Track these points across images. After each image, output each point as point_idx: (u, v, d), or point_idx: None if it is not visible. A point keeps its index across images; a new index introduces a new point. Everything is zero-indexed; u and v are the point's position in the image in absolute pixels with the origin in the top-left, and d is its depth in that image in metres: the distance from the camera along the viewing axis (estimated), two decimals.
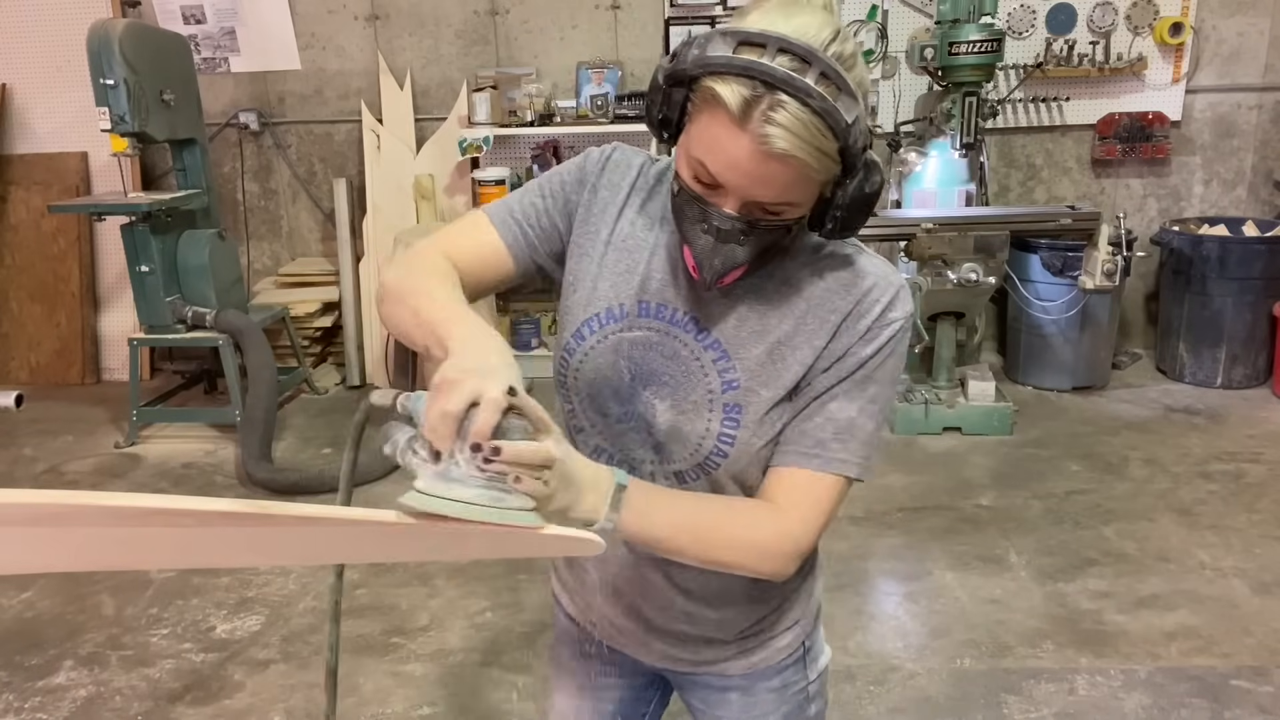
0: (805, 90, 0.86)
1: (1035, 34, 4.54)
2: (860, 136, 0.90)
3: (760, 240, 0.96)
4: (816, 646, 1.29)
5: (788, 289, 1.05)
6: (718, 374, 1.04)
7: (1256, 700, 2.35)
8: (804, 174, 0.90)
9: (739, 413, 1.03)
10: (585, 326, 1.10)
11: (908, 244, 3.81)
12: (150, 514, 0.66)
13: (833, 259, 1.06)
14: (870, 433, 1.03)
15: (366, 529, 0.79)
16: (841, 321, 1.02)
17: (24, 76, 4.93)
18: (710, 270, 0.97)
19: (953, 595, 2.85)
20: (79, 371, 5.02)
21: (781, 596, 1.21)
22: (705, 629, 1.19)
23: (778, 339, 1.03)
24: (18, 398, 1.85)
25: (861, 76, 0.91)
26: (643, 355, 1.07)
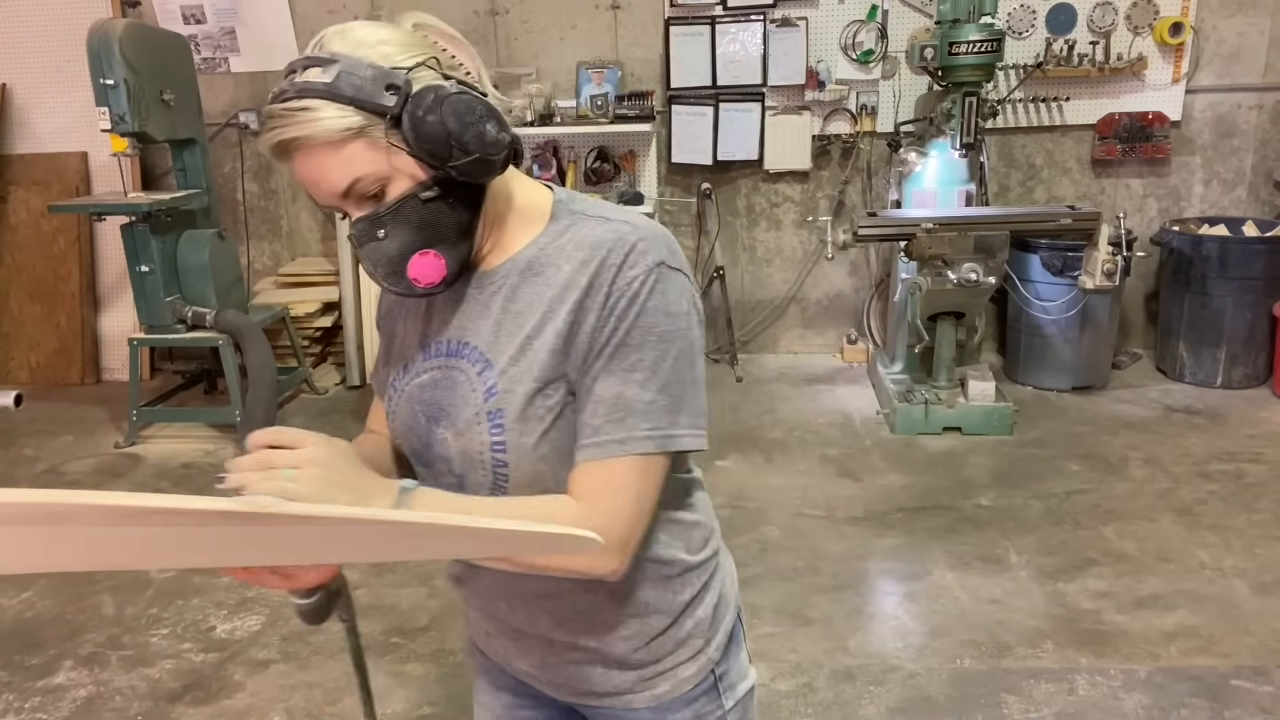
0: (280, 92, 0.95)
1: (1035, 34, 4.54)
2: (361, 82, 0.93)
3: (399, 225, 0.98)
4: (733, 673, 1.21)
5: (537, 280, 1.04)
6: (481, 385, 1.03)
7: (1256, 700, 2.35)
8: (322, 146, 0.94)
9: (501, 416, 1.02)
10: (391, 389, 1.14)
11: (908, 244, 3.81)
12: (149, 514, 0.66)
13: (575, 237, 1.03)
14: (649, 401, 0.98)
15: (366, 528, 0.79)
16: (582, 298, 0.99)
17: (24, 76, 4.94)
18: (385, 276, 1.00)
19: (953, 595, 2.85)
20: (79, 371, 5.02)
21: (668, 624, 1.14)
22: (587, 658, 1.14)
23: (527, 333, 1.02)
24: (17, 397, 1.86)
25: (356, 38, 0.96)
26: (431, 395, 1.08)
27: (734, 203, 4.92)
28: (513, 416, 1.01)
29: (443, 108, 0.94)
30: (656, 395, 0.99)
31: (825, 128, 4.73)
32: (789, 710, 2.38)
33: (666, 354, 0.99)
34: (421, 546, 0.94)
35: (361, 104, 0.93)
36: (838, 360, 4.98)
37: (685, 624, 1.15)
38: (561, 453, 1.03)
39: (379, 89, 0.93)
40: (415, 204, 0.97)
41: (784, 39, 4.58)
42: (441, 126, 0.94)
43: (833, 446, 3.92)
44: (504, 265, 1.06)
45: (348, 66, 0.94)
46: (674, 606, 1.14)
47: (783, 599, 2.85)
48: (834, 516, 3.34)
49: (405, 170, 0.97)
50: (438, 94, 0.94)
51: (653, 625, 1.13)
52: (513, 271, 1.05)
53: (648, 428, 0.98)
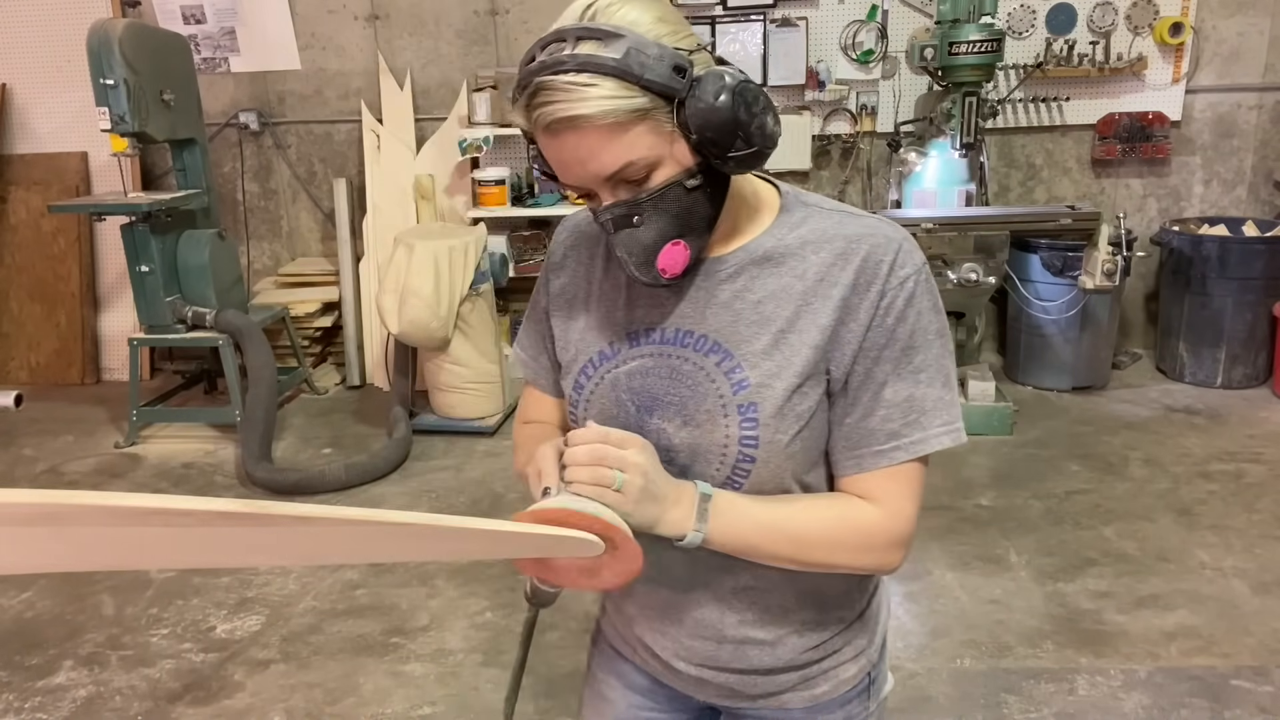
0: (556, 63, 0.89)
1: (1035, 34, 4.54)
2: (651, 62, 0.88)
3: (659, 213, 0.94)
4: (881, 676, 1.22)
5: (779, 270, 1.01)
6: (724, 377, 1.00)
7: (1256, 700, 2.35)
8: (606, 126, 0.89)
9: (755, 410, 0.98)
10: (581, 375, 1.10)
11: None
12: (149, 514, 0.66)
13: (817, 229, 1.02)
14: (937, 398, 1.00)
15: (366, 529, 0.79)
16: (848, 295, 0.98)
17: (24, 76, 4.94)
18: (637, 265, 0.97)
19: (953, 595, 2.85)
20: (79, 371, 5.02)
21: (842, 623, 1.15)
22: (760, 658, 1.12)
23: (780, 327, 0.99)
24: (17, 397, 1.86)
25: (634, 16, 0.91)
26: (641, 384, 1.05)
27: None
28: (769, 412, 0.98)
29: (734, 96, 0.90)
30: (943, 391, 1.00)
31: (825, 128, 4.73)
32: None
33: (945, 351, 1.01)
34: (423, 547, 0.94)
35: (650, 85, 0.88)
36: None
37: (857, 627, 1.16)
38: (808, 453, 1.02)
39: (668, 70, 0.89)
40: (678, 192, 0.94)
41: (784, 39, 4.58)
42: (731, 115, 0.90)
43: None
44: (733, 255, 1.03)
45: (635, 44, 0.88)
46: (853, 605, 1.15)
47: None
48: None
49: (677, 156, 0.93)
50: (726, 81, 0.90)
51: (831, 626, 1.13)
52: (746, 261, 1.02)
53: (940, 424, 1.00)
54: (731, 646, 1.12)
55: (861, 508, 1.01)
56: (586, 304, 1.12)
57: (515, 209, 4.67)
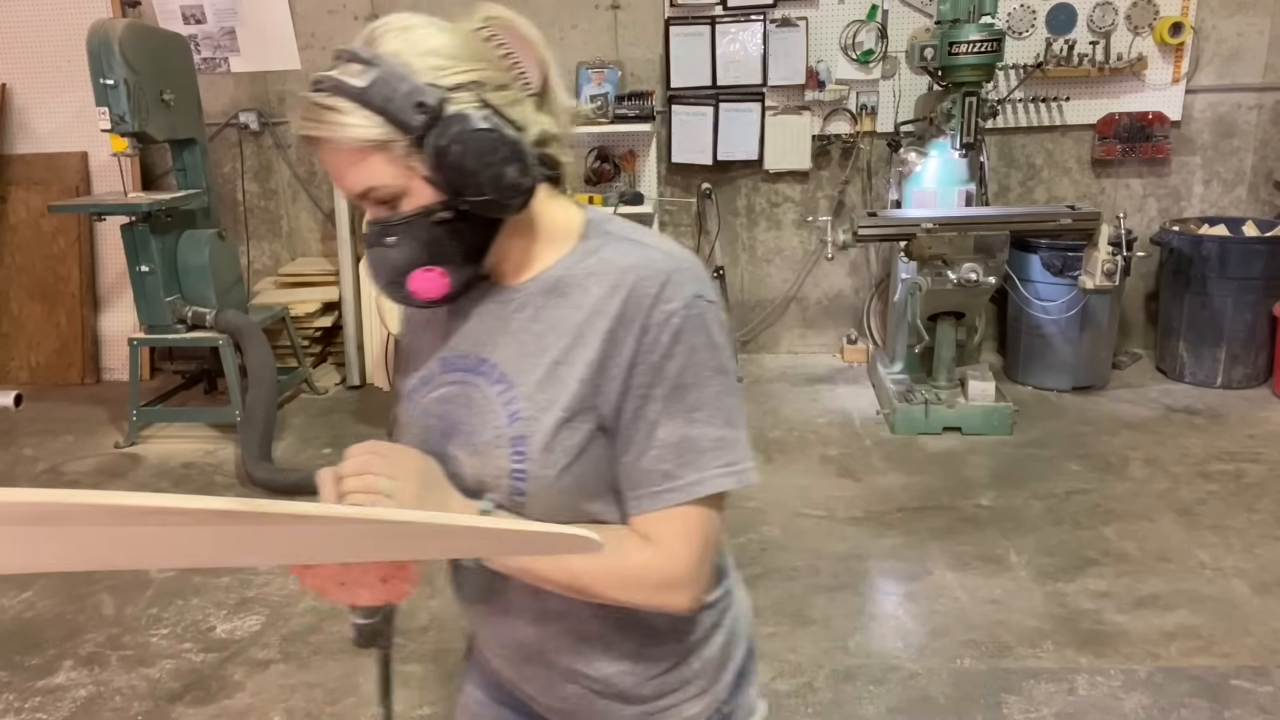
0: (316, 81, 0.93)
1: (1035, 34, 4.54)
2: (394, 95, 0.91)
3: (409, 238, 0.96)
4: (739, 711, 1.19)
5: (563, 301, 1.00)
6: (503, 407, 1.00)
7: (1256, 700, 2.35)
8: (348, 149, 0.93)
9: (525, 444, 0.98)
10: (408, 400, 1.12)
11: (908, 244, 3.81)
12: (147, 513, 0.66)
13: (605, 259, 1.00)
14: (716, 438, 0.96)
15: (365, 528, 0.79)
16: (614, 328, 0.96)
17: (24, 76, 4.94)
18: (384, 284, 1.00)
19: (953, 595, 2.85)
20: (79, 371, 5.02)
21: (676, 656, 1.11)
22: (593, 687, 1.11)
23: (554, 358, 0.99)
24: (17, 397, 1.86)
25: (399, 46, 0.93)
26: (445, 409, 1.05)
27: (734, 203, 4.92)
28: (538, 446, 0.98)
29: (466, 143, 0.91)
30: (723, 430, 0.97)
31: (825, 128, 4.73)
32: (789, 710, 2.38)
33: (724, 388, 0.98)
34: (422, 546, 0.93)
35: (389, 116, 0.91)
36: (838, 360, 4.98)
37: (693, 662, 1.12)
38: (584, 486, 1.00)
39: (409, 105, 0.91)
40: (424, 223, 0.96)
41: (784, 39, 4.58)
42: (460, 162, 0.92)
43: (833, 446, 3.92)
44: (528, 283, 1.03)
45: (386, 73, 0.91)
46: (683, 643, 1.12)
47: (783, 599, 2.85)
48: (834, 516, 3.34)
49: (422, 190, 0.95)
50: (463, 127, 0.91)
51: (659, 660, 1.11)
52: (537, 291, 1.02)
53: (719, 466, 0.97)
54: (561, 675, 1.11)
55: (635, 545, 0.98)
56: (425, 330, 1.13)
57: None
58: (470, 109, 0.93)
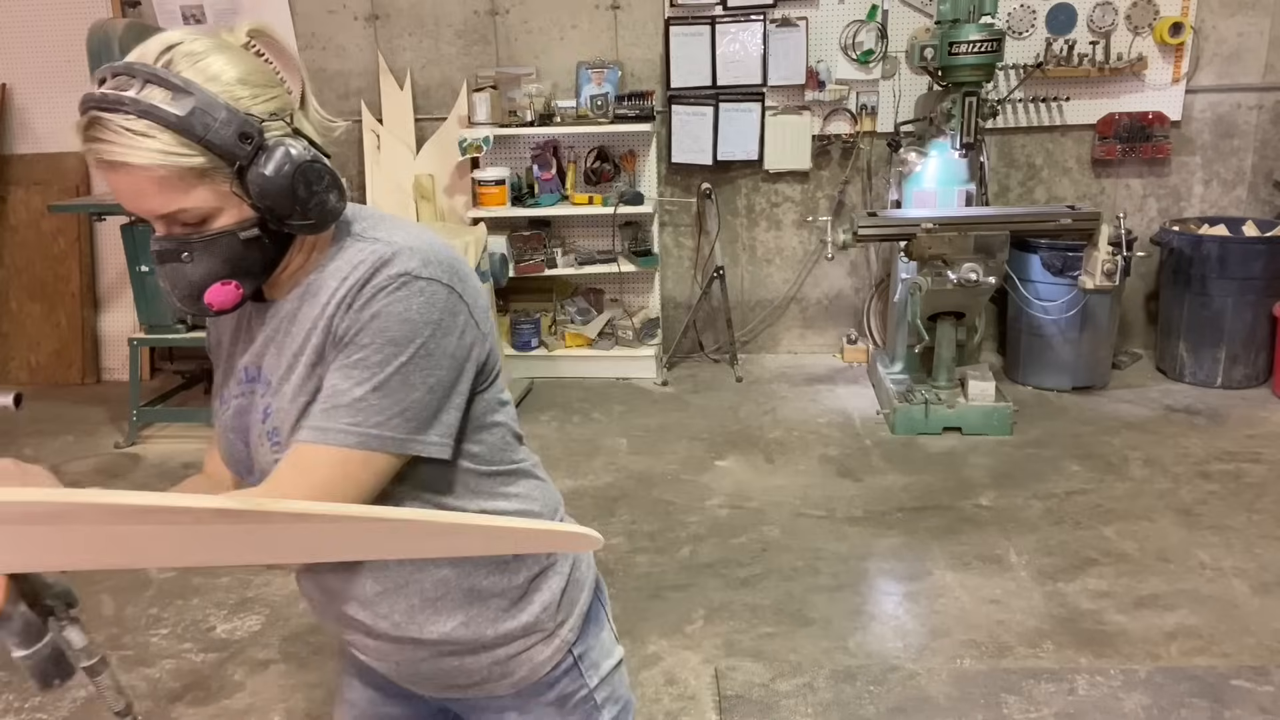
0: (116, 101, 0.90)
1: (1035, 34, 4.54)
2: (215, 124, 0.92)
3: (209, 255, 0.99)
4: (595, 652, 1.24)
5: (313, 302, 1.05)
6: (262, 409, 1.07)
7: (1256, 700, 2.35)
8: (159, 176, 0.93)
9: (278, 434, 1.05)
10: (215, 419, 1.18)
11: (908, 244, 3.81)
12: (146, 512, 0.66)
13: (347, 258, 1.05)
14: (357, 398, 0.98)
15: (365, 526, 0.79)
16: (335, 312, 1.02)
17: (24, 76, 4.94)
18: (180, 298, 1.01)
19: (953, 595, 2.85)
20: (79, 371, 5.02)
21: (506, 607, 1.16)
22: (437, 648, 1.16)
23: (294, 352, 1.05)
24: (17, 397, 1.86)
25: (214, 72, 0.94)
26: (241, 421, 1.12)
27: (734, 203, 4.92)
28: (285, 432, 1.04)
29: (295, 172, 0.96)
30: (367, 393, 0.99)
31: (825, 128, 4.73)
32: (789, 710, 2.38)
33: (393, 358, 0.99)
34: (422, 545, 0.93)
35: (211, 146, 0.93)
36: (838, 360, 4.98)
37: (529, 608, 1.17)
38: None
39: (233, 135, 0.93)
40: (231, 240, 0.99)
41: (784, 39, 4.58)
42: (289, 190, 0.97)
43: (833, 446, 3.92)
44: (292, 293, 1.08)
45: (203, 103, 0.92)
46: (511, 591, 1.16)
47: (783, 599, 2.85)
48: (834, 516, 3.34)
49: (233, 209, 0.98)
50: (292, 158, 0.96)
51: (492, 609, 1.15)
52: (294, 298, 1.08)
53: (347, 422, 0.98)
54: (409, 645, 1.16)
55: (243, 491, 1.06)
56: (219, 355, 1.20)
57: (515, 209, 4.67)
58: (285, 137, 0.98)
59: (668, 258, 5.00)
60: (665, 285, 5.01)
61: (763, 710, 2.38)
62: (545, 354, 4.80)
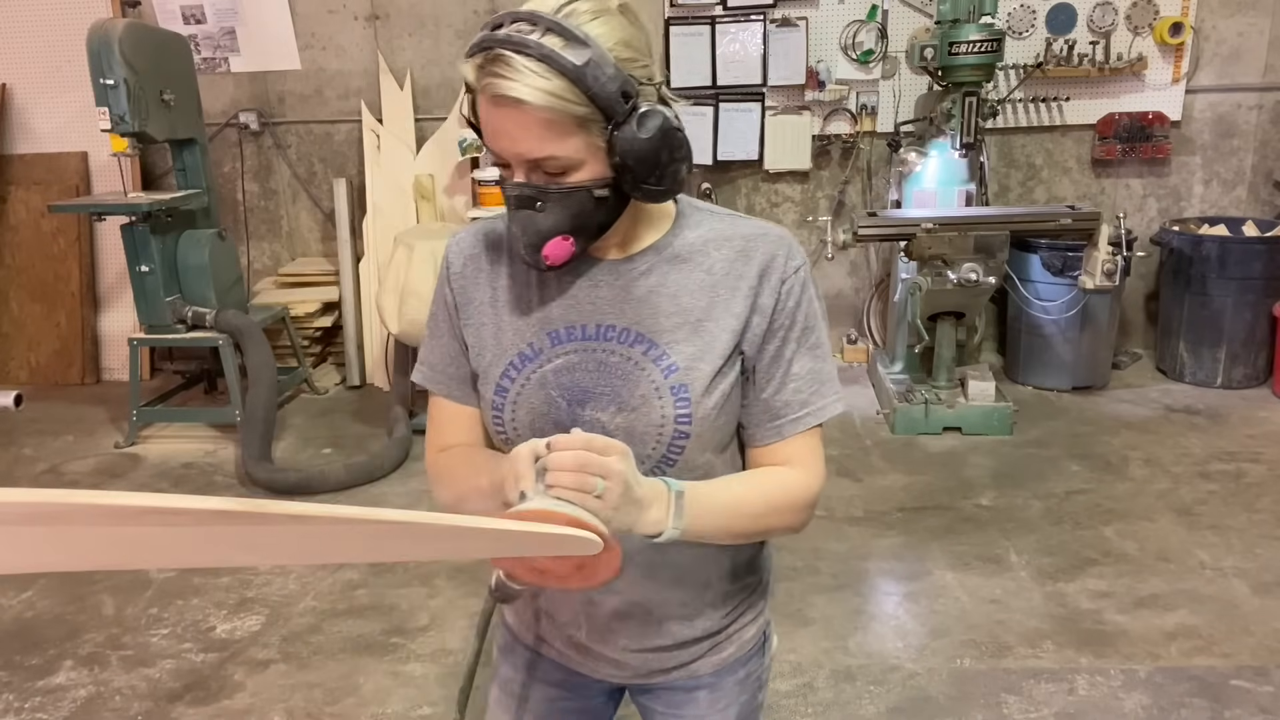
0: (521, 42, 0.93)
1: (1035, 34, 4.54)
2: (604, 79, 0.94)
3: (561, 207, 1.01)
4: (771, 630, 1.32)
5: (686, 268, 1.10)
6: (653, 364, 1.08)
7: (1256, 700, 2.35)
8: (545, 119, 0.95)
9: (687, 391, 1.07)
10: (504, 378, 1.13)
11: (908, 244, 3.81)
12: (147, 513, 0.66)
13: (716, 230, 1.12)
14: (830, 371, 1.13)
15: (365, 528, 0.79)
16: (756, 286, 1.09)
17: (24, 76, 4.94)
18: (524, 245, 1.03)
19: (953, 595, 2.85)
20: (79, 371, 5.02)
21: (749, 589, 1.24)
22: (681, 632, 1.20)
23: (698, 316, 1.09)
24: (17, 397, 1.86)
25: (602, 31, 0.96)
26: (570, 379, 1.10)
27: (734, 203, 4.92)
28: (699, 391, 1.07)
29: (663, 137, 0.99)
30: (831, 365, 1.15)
31: (825, 128, 4.73)
32: (789, 710, 2.38)
33: (825, 331, 1.16)
34: (422, 547, 0.94)
35: (597, 99, 0.95)
36: (838, 360, 4.98)
37: (759, 589, 1.26)
38: (729, 424, 1.13)
39: (616, 92, 0.96)
40: (585, 195, 1.01)
41: (784, 39, 4.58)
42: (655, 154, 0.99)
43: (833, 446, 3.92)
44: (643, 255, 1.11)
45: (599, 57, 0.94)
46: (757, 572, 1.25)
47: (783, 599, 2.85)
48: (834, 516, 3.34)
49: (596, 165, 1.00)
50: (664, 123, 0.99)
51: (738, 591, 1.23)
52: (657, 261, 1.11)
53: (835, 392, 1.14)
54: (656, 624, 1.19)
55: (790, 474, 1.12)
56: (495, 309, 1.16)
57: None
58: (658, 105, 1.01)
59: None
60: None
61: (763, 710, 2.38)
62: None
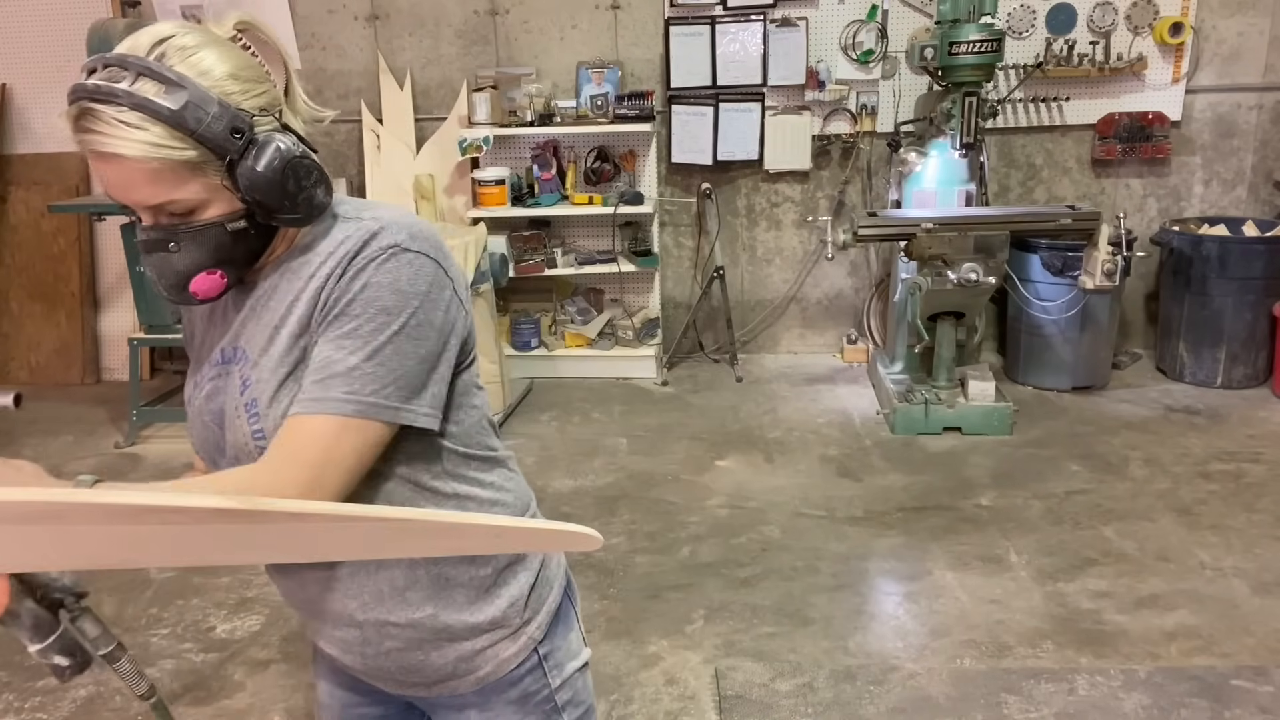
0: (109, 93, 0.91)
1: (1035, 34, 4.54)
2: (208, 119, 0.93)
3: (196, 245, 1.00)
4: (560, 652, 1.24)
5: (295, 277, 1.07)
6: (240, 381, 1.07)
7: (1256, 700, 2.35)
8: (151, 169, 0.94)
9: (256, 405, 1.05)
10: (188, 404, 1.17)
11: (908, 244, 3.81)
12: (144, 511, 0.66)
13: (333, 237, 1.07)
14: (352, 366, 0.99)
15: (363, 525, 0.79)
16: (322, 284, 1.03)
17: (24, 76, 4.94)
18: (166, 287, 1.02)
19: (953, 595, 2.85)
20: (79, 371, 5.02)
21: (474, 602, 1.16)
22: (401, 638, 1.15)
23: (275, 324, 1.06)
24: (17, 397, 1.85)
25: (206, 67, 0.96)
26: (211, 404, 1.12)
27: (734, 203, 4.92)
28: (264, 403, 1.04)
29: (285, 167, 0.98)
30: (362, 362, 1.00)
31: (825, 128, 4.73)
32: (789, 710, 2.38)
33: (385, 326, 1.00)
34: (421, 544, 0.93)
35: (204, 140, 0.94)
36: (838, 360, 4.98)
37: (495, 602, 1.17)
38: None
39: (224, 130, 0.95)
40: (219, 230, 1.00)
41: (784, 39, 4.58)
42: (279, 185, 0.98)
43: (833, 446, 3.92)
44: (267, 271, 1.10)
45: (196, 98, 0.93)
46: (479, 581, 1.16)
47: (783, 599, 2.85)
48: (834, 516, 3.34)
49: (222, 201, 0.99)
50: (282, 153, 0.98)
51: (457, 600, 1.15)
52: (274, 275, 1.09)
53: (344, 392, 0.99)
54: (374, 631, 1.15)
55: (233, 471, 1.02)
56: (193, 342, 1.20)
57: (515, 209, 4.67)
58: (274, 132, 0.99)
59: (668, 258, 5.00)
60: (665, 285, 5.01)
61: (763, 710, 2.38)
62: (545, 354, 4.80)
